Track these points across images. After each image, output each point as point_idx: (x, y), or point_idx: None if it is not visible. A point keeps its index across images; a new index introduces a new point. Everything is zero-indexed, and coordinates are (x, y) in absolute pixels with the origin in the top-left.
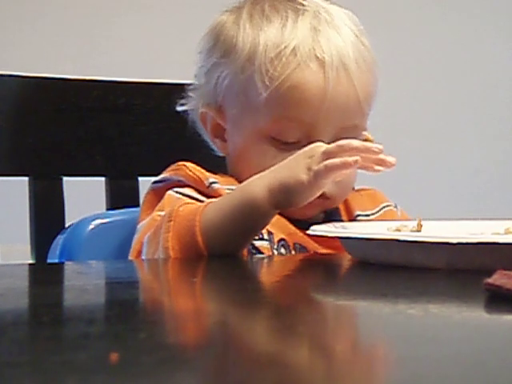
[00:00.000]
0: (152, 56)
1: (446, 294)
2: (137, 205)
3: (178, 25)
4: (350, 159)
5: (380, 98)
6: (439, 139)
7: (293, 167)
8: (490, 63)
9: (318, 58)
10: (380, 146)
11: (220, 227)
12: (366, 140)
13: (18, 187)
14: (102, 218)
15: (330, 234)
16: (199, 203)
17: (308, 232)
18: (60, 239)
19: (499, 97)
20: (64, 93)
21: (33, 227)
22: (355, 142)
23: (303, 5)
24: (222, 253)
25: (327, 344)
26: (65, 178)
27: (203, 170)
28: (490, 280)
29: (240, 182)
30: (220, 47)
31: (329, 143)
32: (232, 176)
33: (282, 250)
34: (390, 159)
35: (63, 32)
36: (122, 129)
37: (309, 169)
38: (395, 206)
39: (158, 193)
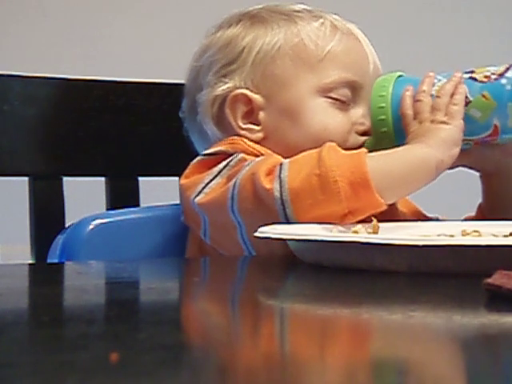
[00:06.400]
0: (152, 56)
1: (446, 295)
2: (137, 205)
3: (178, 25)
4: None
5: None
6: None
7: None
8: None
9: (351, 32)
10: None
11: (389, 174)
12: None
13: (18, 187)
14: (102, 218)
15: (285, 237)
16: None
17: (256, 234)
18: (60, 239)
19: None
20: (64, 93)
21: (33, 227)
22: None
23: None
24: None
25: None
26: (65, 178)
27: (257, 145)
28: (489, 280)
29: (289, 151)
30: (253, 26)
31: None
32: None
33: None
34: None
35: (63, 32)
36: (122, 129)
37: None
38: None
39: (206, 164)
